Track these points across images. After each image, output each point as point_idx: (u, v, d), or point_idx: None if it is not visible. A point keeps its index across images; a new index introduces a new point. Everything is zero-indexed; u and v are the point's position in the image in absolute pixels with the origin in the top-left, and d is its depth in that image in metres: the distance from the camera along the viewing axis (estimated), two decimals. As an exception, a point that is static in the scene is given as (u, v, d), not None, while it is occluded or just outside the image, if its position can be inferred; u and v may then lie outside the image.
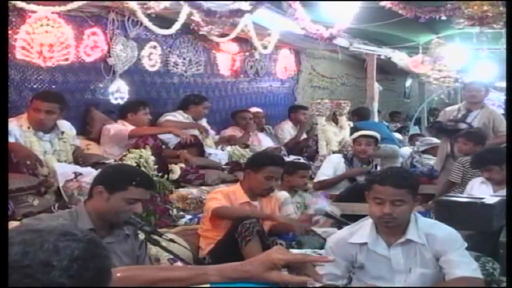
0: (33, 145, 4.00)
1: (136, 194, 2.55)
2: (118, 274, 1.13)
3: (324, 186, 5.40)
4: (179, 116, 5.79)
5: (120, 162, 4.04)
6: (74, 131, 4.40)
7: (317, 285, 2.67)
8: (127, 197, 2.54)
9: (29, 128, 4.02)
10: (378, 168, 5.51)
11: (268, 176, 3.81)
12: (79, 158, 4.27)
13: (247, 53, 7.23)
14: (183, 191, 4.63)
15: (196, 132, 5.76)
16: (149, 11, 5.00)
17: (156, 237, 2.69)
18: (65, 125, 4.31)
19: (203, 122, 6.09)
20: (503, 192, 3.99)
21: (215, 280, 1.46)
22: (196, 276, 1.47)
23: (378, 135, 5.65)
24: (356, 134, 5.63)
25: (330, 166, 5.47)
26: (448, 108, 6.47)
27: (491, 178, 4.32)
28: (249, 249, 3.33)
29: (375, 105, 9.41)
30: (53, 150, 4.12)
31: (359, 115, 8.37)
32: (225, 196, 3.75)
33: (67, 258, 1.00)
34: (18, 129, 3.96)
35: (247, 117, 6.77)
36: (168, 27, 5.49)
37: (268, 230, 3.91)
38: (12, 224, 2.95)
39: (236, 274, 1.45)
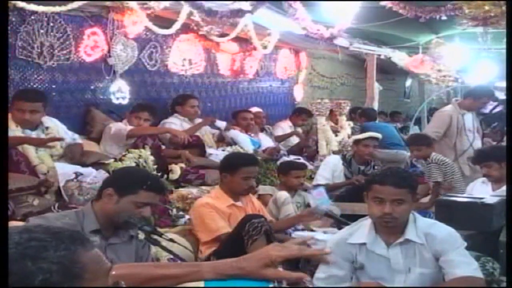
0: None
1: (146, 198, 2.56)
2: (113, 272, 1.12)
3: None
4: (175, 120, 5.76)
5: (132, 165, 4.02)
6: (59, 125, 4.36)
7: (317, 284, 2.69)
8: (136, 201, 2.54)
9: (17, 126, 4.01)
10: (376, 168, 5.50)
11: (245, 176, 3.82)
12: (75, 155, 4.23)
13: (247, 53, 7.22)
14: (183, 191, 4.62)
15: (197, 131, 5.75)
16: (149, 11, 4.99)
17: (156, 237, 2.69)
18: (49, 120, 4.28)
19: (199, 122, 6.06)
20: (502, 190, 4.00)
21: (210, 277, 1.46)
22: (191, 273, 1.47)
23: (381, 136, 5.65)
24: (364, 135, 5.58)
25: (328, 169, 5.45)
26: (446, 111, 6.22)
27: (489, 175, 4.34)
28: (254, 248, 3.31)
29: (375, 105, 9.42)
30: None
31: (367, 116, 8.16)
32: (217, 210, 3.74)
33: None
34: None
35: (248, 118, 6.76)
36: (168, 27, 5.49)
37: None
38: (12, 224, 2.94)
39: (231, 271, 1.44)
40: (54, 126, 4.28)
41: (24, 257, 0.96)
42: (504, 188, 4.05)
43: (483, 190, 4.24)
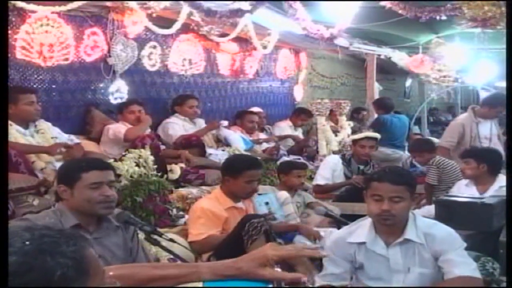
0: (19, 141, 3.98)
1: (92, 178, 2.57)
2: (111, 273, 1.11)
3: (324, 190, 5.39)
4: (176, 120, 5.76)
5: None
6: (51, 127, 4.35)
7: (316, 284, 2.70)
8: (86, 184, 2.55)
9: (11, 125, 4.00)
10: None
11: (249, 180, 3.78)
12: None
13: (247, 53, 7.23)
14: (183, 191, 4.63)
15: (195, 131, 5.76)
16: (149, 11, 4.99)
17: (156, 237, 2.69)
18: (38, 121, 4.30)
19: (201, 122, 6.07)
20: (487, 194, 4.00)
21: (208, 277, 1.46)
22: (189, 273, 1.47)
23: (379, 136, 5.63)
24: (360, 135, 5.56)
25: (328, 169, 5.45)
26: (458, 120, 6.19)
27: (463, 171, 4.34)
28: (254, 248, 3.29)
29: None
30: (36, 143, 4.11)
31: (385, 107, 7.93)
32: (208, 215, 3.72)
33: None
34: None
35: (255, 120, 6.82)
36: (168, 27, 5.49)
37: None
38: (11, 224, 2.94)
39: (229, 272, 1.45)
40: (43, 124, 4.29)
41: (43, 252, 0.96)
42: (490, 192, 4.04)
43: (466, 193, 4.20)
